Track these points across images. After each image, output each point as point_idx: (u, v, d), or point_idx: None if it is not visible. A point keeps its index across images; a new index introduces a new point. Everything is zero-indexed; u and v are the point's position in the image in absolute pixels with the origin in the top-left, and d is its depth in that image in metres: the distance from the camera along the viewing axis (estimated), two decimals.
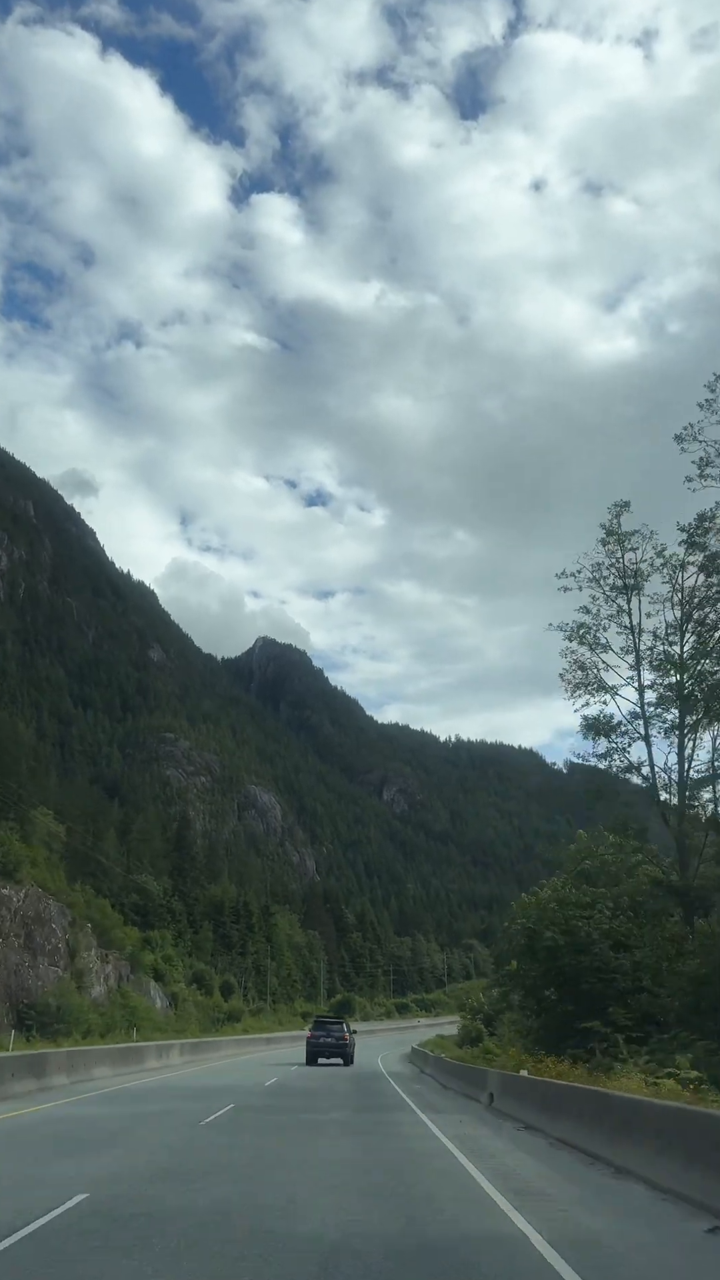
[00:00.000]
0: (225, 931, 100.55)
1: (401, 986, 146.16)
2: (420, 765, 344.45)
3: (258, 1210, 8.77)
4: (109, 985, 51.84)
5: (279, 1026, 79.28)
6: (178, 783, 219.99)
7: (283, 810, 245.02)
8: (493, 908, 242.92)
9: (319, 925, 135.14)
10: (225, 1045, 50.25)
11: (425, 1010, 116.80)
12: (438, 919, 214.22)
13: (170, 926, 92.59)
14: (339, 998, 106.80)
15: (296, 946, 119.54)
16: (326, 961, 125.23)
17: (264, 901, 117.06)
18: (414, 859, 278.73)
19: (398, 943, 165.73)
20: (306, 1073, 35.71)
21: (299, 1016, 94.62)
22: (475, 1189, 10.44)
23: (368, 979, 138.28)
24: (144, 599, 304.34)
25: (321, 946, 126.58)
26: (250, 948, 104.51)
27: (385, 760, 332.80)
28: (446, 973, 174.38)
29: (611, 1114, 12.83)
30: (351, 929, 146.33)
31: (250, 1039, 56.78)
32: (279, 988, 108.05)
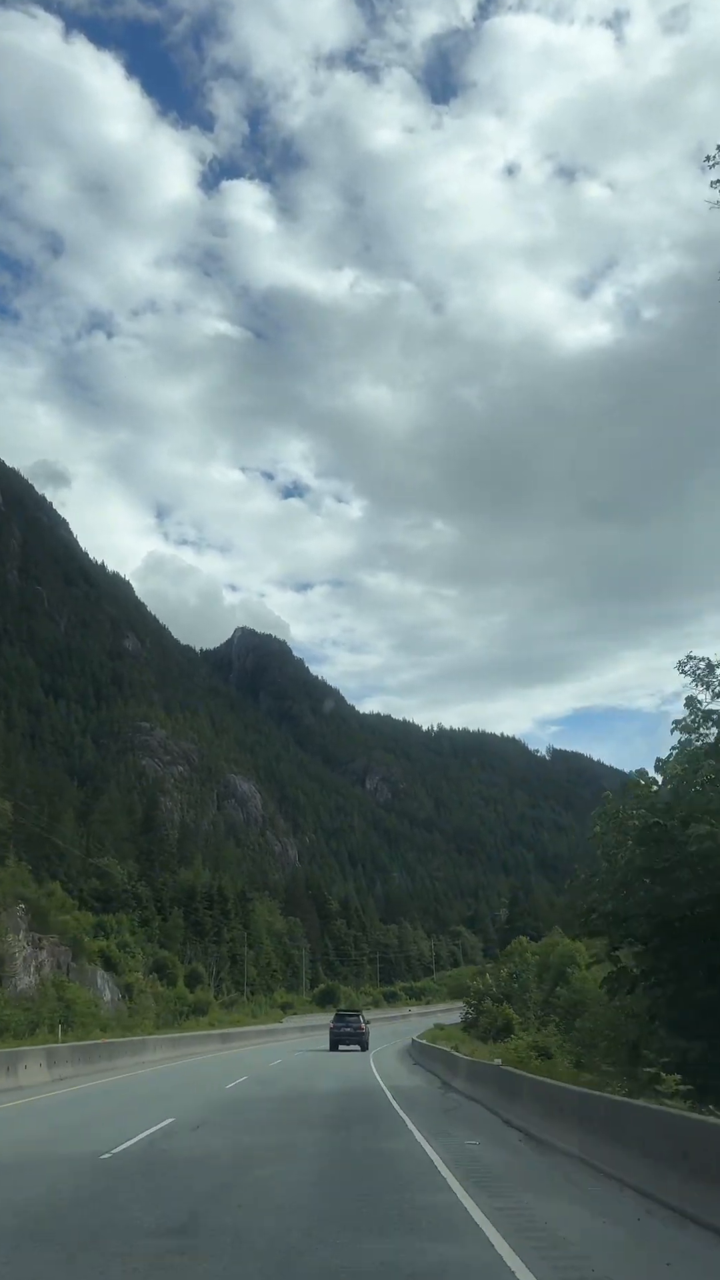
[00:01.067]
0: (198, 918, 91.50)
1: (388, 975, 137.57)
2: (403, 753, 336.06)
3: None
4: (41, 975, 42.69)
5: (252, 1020, 70.35)
6: (154, 772, 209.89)
7: (263, 799, 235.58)
8: (478, 895, 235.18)
9: (301, 912, 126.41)
10: (153, 1047, 36.43)
11: (415, 998, 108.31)
12: (423, 906, 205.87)
13: (136, 912, 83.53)
14: (322, 987, 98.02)
15: (277, 934, 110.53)
16: (309, 949, 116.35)
17: (240, 886, 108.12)
18: (398, 847, 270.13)
19: (383, 930, 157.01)
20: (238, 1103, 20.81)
21: (279, 1008, 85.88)
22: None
23: (352, 967, 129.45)
24: (118, 589, 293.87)
25: (304, 934, 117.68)
26: (226, 935, 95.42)
27: (368, 749, 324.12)
28: (434, 960, 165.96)
29: None
30: (335, 916, 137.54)
31: (196, 1037, 45.23)
32: (258, 977, 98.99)
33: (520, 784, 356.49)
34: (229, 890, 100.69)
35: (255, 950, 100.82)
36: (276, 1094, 23.00)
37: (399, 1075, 31.90)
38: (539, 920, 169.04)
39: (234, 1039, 46.56)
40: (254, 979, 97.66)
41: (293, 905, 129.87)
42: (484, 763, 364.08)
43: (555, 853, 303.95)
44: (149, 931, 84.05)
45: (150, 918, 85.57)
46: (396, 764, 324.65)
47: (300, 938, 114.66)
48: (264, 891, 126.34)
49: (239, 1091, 23.63)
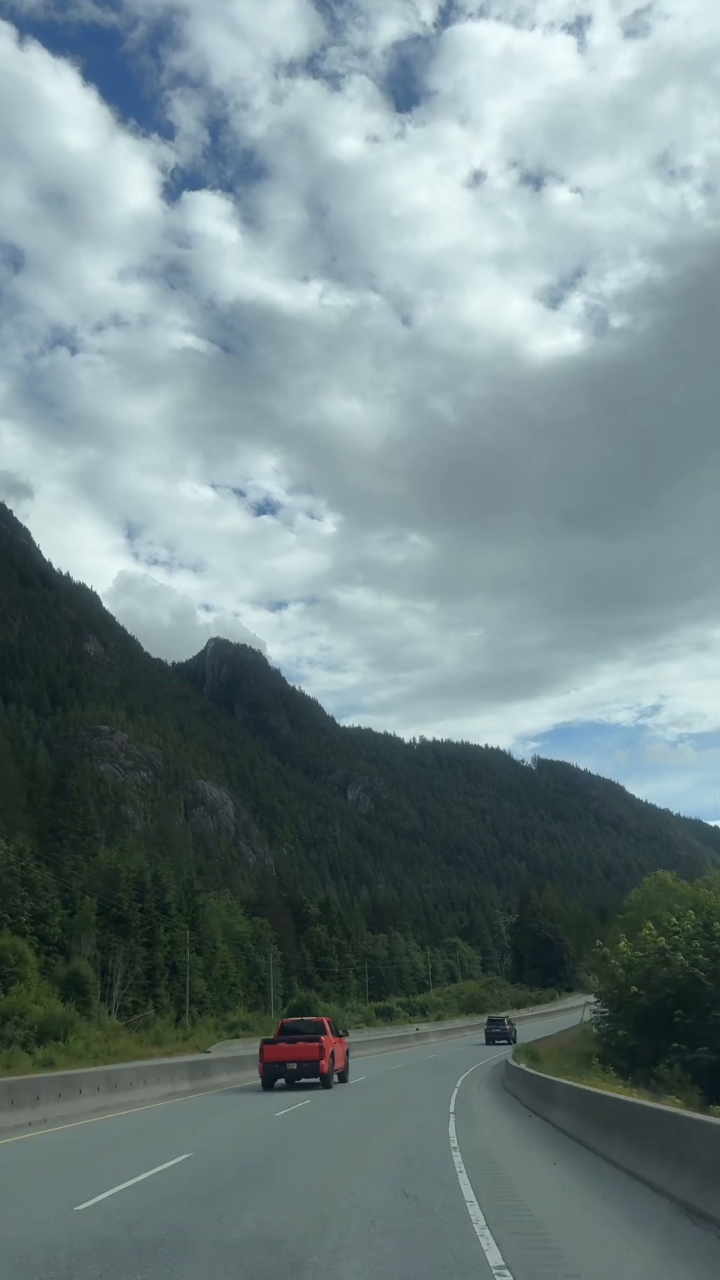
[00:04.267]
0: (123, 913, 64.61)
1: (379, 990, 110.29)
2: (386, 764, 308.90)
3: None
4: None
5: (152, 1049, 43.83)
6: (114, 778, 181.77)
7: (236, 807, 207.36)
8: (470, 906, 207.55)
9: (273, 916, 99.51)
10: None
11: (416, 1015, 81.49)
12: (414, 918, 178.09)
13: (26, 903, 56.68)
14: (294, 1001, 70.96)
15: (237, 938, 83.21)
16: (280, 956, 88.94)
17: (188, 875, 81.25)
18: (383, 858, 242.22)
19: (371, 940, 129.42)
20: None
21: (224, 1031, 59.02)
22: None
23: (335, 981, 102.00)
24: (82, 596, 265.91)
25: (274, 939, 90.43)
26: (162, 936, 68.22)
27: (349, 760, 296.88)
28: (429, 974, 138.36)
29: None
30: (314, 920, 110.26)
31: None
32: (208, 992, 71.60)
33: (508, 794, 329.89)
34: (170, 880, 73.58)
35: (206, 957, 73.59)
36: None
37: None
38: (555, 920, 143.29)
39: (68, 1089, 18.87)
40: (204, 993, 70.31)
41: (265, 908, 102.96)
42: (469, 773, 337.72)
43: (549, 862, 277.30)
44: (45, 929, 57.21)
45: (51, 910, 58.81)
46: (379, 775, 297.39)
47: (269, 943, 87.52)
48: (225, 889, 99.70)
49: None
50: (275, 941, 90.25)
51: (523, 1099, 21.32)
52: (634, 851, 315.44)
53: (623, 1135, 10.70)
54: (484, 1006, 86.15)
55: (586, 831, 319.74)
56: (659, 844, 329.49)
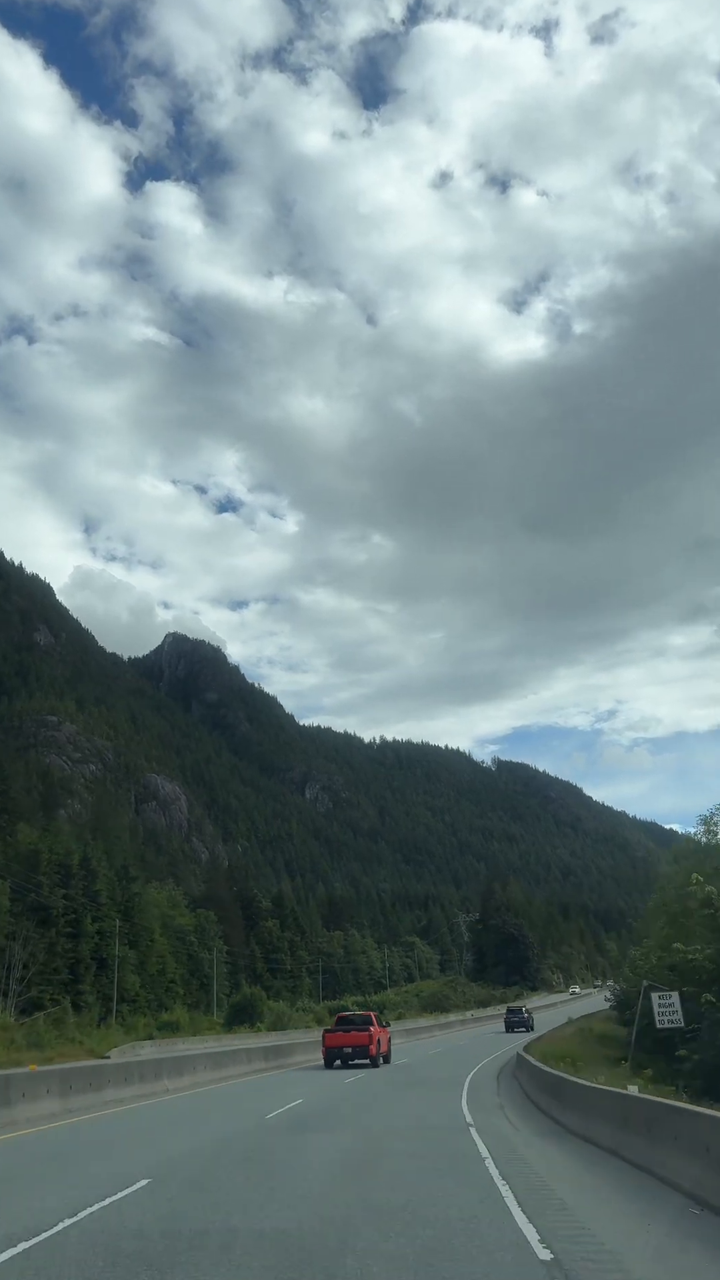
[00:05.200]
0: (43, 900, 56.21)
1: (333, 988, 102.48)
2: (345, 763, 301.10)
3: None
4: None
5: (32, 1052, 35.63)
6: (60, 771, 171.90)
7: (189, 803, 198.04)
8: (429, 906, 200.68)
9: (221, 910, 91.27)
10: None
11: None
12: (372, 917, 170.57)
13: None
14: (237, 998, 62.90)
15: (179, 932, 74.89)
16: (227, 953, 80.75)
17: (123, 861, 72.80)
18: (341, 857, 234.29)
19: (327, 937, 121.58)
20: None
21: (156, 1032, 50.80)
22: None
23: (287, 979, 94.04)
24: (34, 587, 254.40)
25: (220, 934, 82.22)
26: (89, 927, 59.82)
27: (308, 758, 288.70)
28: (386, 973, 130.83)
29: None
30: (266, 915, 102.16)
31: None
32: (141, 989, 63.27)
33: (467, 794, 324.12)
34: (99, 863, 65.13)
35: (140, 950, 65.24)
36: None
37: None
38: (519, 916, 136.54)
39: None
40: (135, 991, 61.97)
41: (213, 900, 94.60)
42: (429, 773, 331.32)
43: (508, 862, 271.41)
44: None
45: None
46: (338, 773, 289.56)
47: (214, 938, 79.27)
48: (169, 880, 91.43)
49: None
50: (222, 936, 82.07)
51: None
52: (592, 853, 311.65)
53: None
54: (447, 1005, 79.00)
55: (545, 832, 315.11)
56: (615, 845, 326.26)
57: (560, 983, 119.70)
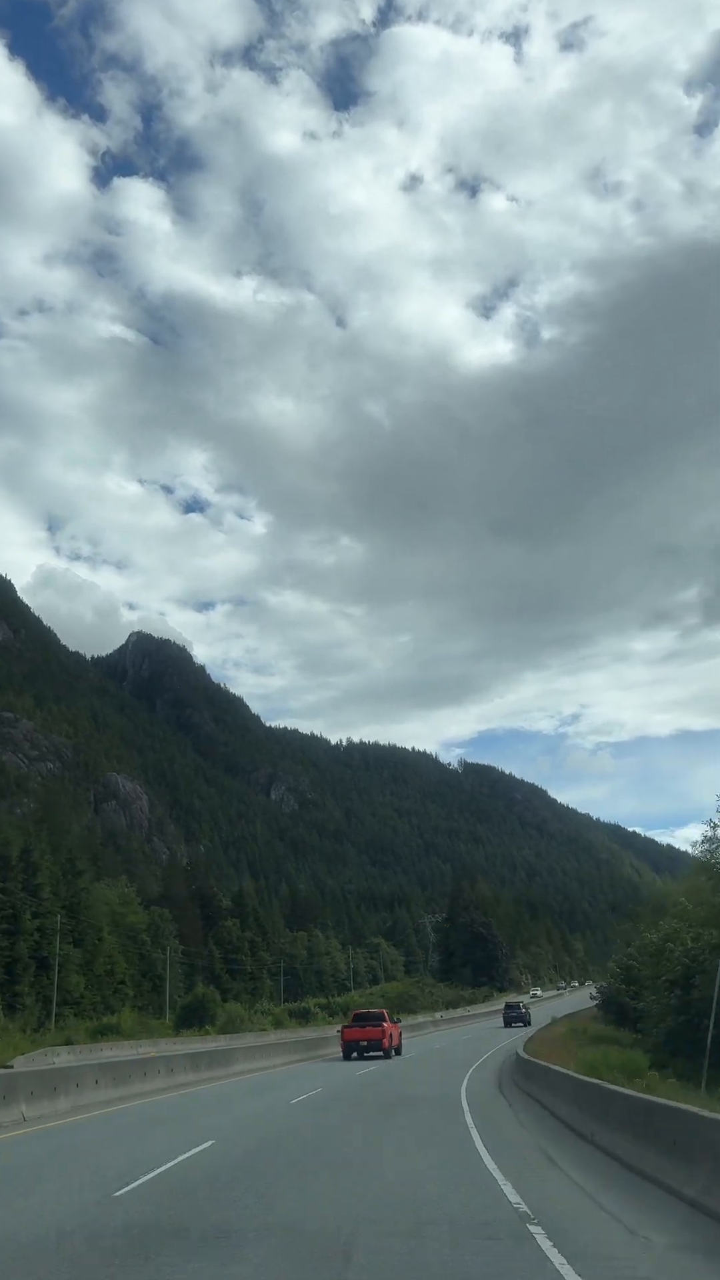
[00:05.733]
0: None
1: (296, 990, 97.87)
2: (311, 764, 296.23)
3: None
4: None
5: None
6: (16, 769, 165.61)
7: (151, 802, 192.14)
8: (394, 907, 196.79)
9: (178, 909, 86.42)
10: None
11: (338, 1016, 69.42)
12: (336, 918, 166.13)
13: None
14: (190, 998, 58.17)
15: (130, 931, 69.96)
16: (182, 953, 75.86)
17: (67, 856, 67.55)
18: (306, 858, 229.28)
19: (290, 937, 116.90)
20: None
21: (86, 1037, 46.03)
22: None
23: (247, 980, 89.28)
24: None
25: (175, 933, 77.33)
26: (29, 924, 54.81)
27: (273, 759, 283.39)
28: (350, 975, 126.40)
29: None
30: (225, 915, 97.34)
31: None
32: (86, 990, 58.31)
33: (433, 796, 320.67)
34: (42, 856, 60.07)
35: (88, 950, 60.25)
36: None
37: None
38: (488, 915, 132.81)
39: None
40: (80, 992, 57.01)
41: (169, 902, 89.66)
42: (395, 775, 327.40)
43: (474, 863, 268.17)
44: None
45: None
46: (304, 774, 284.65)
47: (169, 937, 74.38)
48: (121, 876, 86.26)
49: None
50: (177, 936, 77.21)
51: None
52: (556, 854, 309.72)
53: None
54: (414, 1006, 75.03)
55: (510, 834, 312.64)
56: (580, 847, 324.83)
57: (528, 983, 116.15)
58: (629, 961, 38.60)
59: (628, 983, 37.69)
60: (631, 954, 38.97)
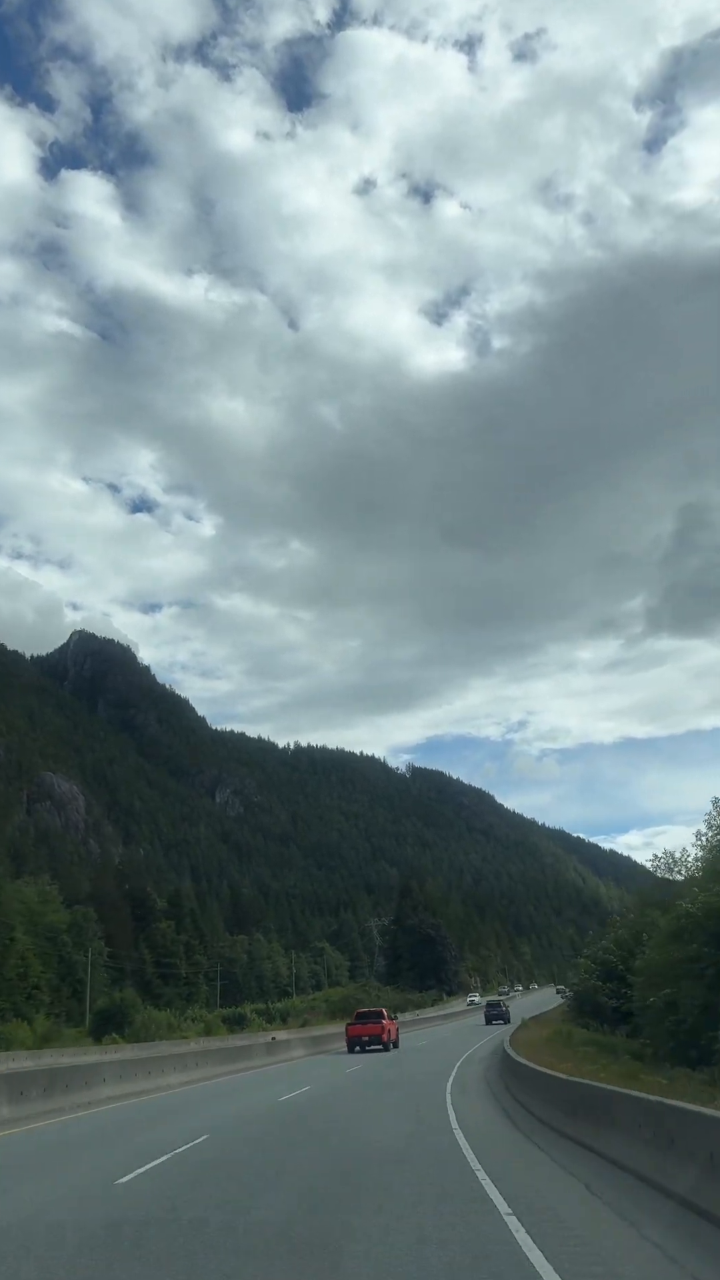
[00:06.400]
0: None
1: (234, 996, 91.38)
2: (258, 767, 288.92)
3: None
4: None
5: None
6: None
7: (88, 803, 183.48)
8: (340, 911, 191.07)
9: (107, 910, 79.56)
10: None
11: (275, 1021, 63.32)
12: (280, 922, 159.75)
13: None
14: (106, 1002, 51.58)
15: (50, 931, 63.07)
16: (109, 955, 69.12)
17: None
18: (250, 861, 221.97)
19: (229, 941, 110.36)
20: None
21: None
22: None
23: (181, 986, 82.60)
24: None
25: (101, 934, 70.55)
26: None
27: (219, 762, 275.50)
28: (293, 981, 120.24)
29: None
30: (160, 916, 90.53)
31: None
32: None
33: (381, 800, 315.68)
34: None
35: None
36: None
37: None
38: (436, 915, 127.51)
39: None
40: None
41: (98, 902, 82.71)
42: (343, 779, 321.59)
43: (421, 867, 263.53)
44: None
45: None
46: (250, 777, 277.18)
47: (93, 938, 67.63)
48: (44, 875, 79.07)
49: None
50: (104, 937, 70.44)
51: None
52: (502, 858, 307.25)
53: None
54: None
55: (457, 838, 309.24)
56: (526, 851, 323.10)
57: (477, 986, 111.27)
58: (605, 956, 33.69)
59: (605, 980, 32.80)
60: (609, 948, 34.11)
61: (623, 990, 31.35)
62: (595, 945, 37.25)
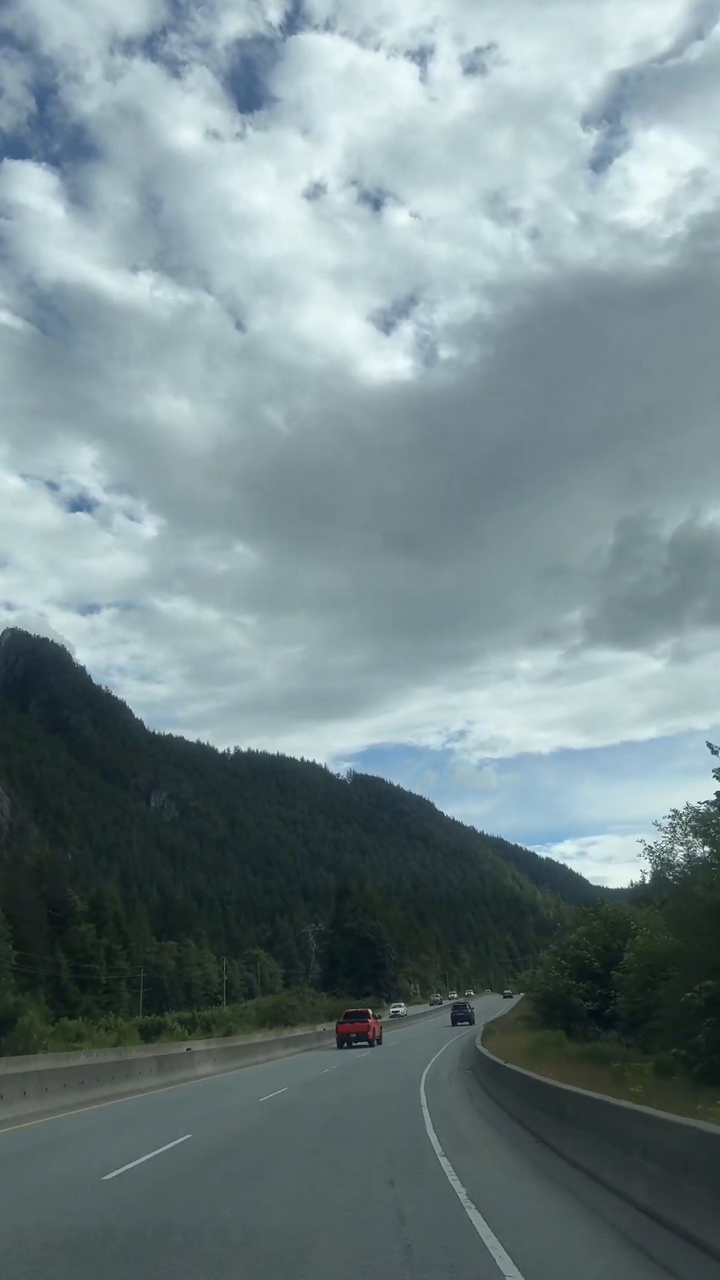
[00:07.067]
0: None
1: (160, 1004, 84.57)
2: (196, 772, 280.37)
3: None
4: None
5: None
6: None
7: (13, 804, 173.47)
8: (276, 918, 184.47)
9: (17, 911, 72.27)
10: None
11: (197, 1030, 57.30)
12: (214, 929, 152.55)
13: None
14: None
15: None
16: (17, 959, 62.02)
17: None
18: (185, 866, 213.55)
19: (157, 947, 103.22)
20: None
21: None
22: None
23: (101, 993, 75.68)
24: None
25: (9, 936, 63.43)
26: None
27: (156, 766, 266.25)
28: (223, 989, 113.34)
29: None
30: (80, 919, 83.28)
31: None
32: None
33: (321, 807, 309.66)
34: None
35: None
36: None
37: None
38: (376, 918, 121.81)
39: None
40: None
41: (10, 903, 75.27)
42: (283, 785, 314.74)
43: (360, 873, 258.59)
44: None
45: None
46: (188, 782, 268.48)
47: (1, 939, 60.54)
48: None
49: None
50: (10, 939, 63.31)
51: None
52: (441, 865, 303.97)
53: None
54: (293, 1018, 63.77)
55: (397, 845, 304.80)
56: (464, 858, 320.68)
57: (417, 993, 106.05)
58: (578, 952, 28.72)
59: (579, 978, 27.84)
60: (580, 941, 29.17)
61: (599, 990, 26.45)
62: (563, 939, 32.37)
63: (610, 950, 27.18)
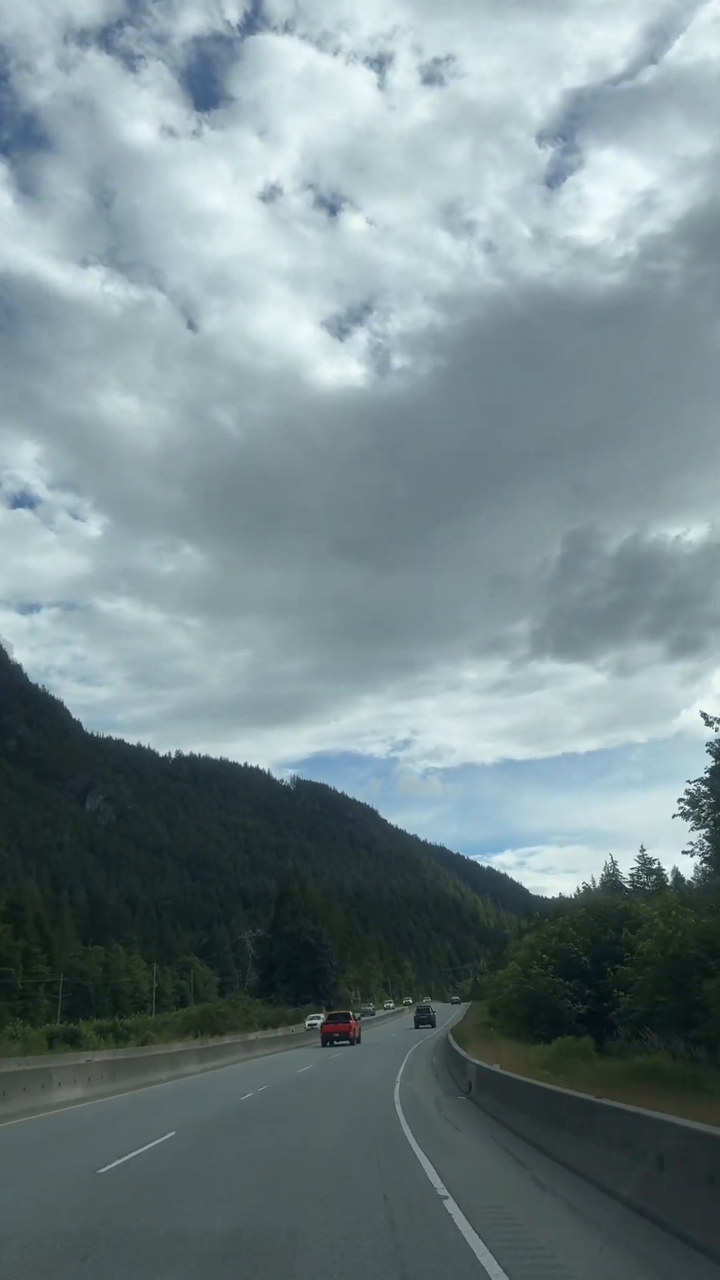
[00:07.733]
0: None
1: (84, 1011, 77.55)
2: (135, 775, 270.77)
3: None
4: None
5: None
6: None
7: None
8: (213, 925, 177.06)
9: None
10: None
11: (116, 1039, 51.13)
12: (146, 934, 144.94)
13: None
14: None
15: None
16: None
17: None
18: (119, 871, 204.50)
19: (82, 951, 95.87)
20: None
21: None
22: None
23: (14, 999, 68.53)
24: None
25: None
26: None
27: (93, 768, 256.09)
28: (154, 997, 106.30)
29: None
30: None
31: None
32: None
33: (263, 812, 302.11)
34: None
35: None
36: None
37: None
38: (317, 921, 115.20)
39: None
40: None
41: None
42: (225, 790, 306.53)
43: (301, 877, 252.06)
44: None
45: None
46: (126, 785, 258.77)
47: None
48: None
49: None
50: None
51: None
52: (384, 872, 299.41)
53: None
54: (223, 1026, 57.83)
55: (340, 852, 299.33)
56: (407, 866, 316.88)
57: (358, 1000, 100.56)
58: (561, 945, 23.76)
59: (565, 976, 22.87)
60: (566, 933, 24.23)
61: (589, 991, 21.56)
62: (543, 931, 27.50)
63: (600, 943, 22.38)
